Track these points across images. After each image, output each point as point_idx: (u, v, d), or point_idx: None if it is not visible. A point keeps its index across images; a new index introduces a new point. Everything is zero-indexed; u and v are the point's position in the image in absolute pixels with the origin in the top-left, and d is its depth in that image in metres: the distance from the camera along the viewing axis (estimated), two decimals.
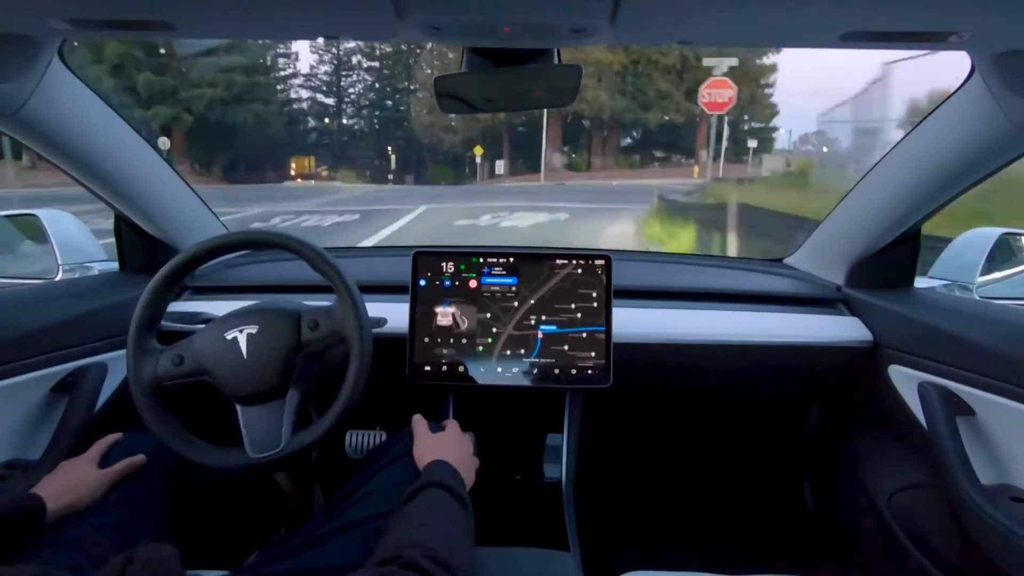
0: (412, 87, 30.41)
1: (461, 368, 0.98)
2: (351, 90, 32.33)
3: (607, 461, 1.33)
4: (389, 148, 30.47)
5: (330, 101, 32.02)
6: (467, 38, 0.66)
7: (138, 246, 1.11)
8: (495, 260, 1.00)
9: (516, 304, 0.99)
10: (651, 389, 1.19)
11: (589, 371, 0.97)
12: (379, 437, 1.02)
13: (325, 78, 31.49)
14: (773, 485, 1.37)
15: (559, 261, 1.00)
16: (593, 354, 0.98)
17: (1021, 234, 1.33)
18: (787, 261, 1.32)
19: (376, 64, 31.81)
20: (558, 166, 27.71)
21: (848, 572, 1.11)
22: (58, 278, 1.23)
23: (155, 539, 0.68)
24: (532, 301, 0.99)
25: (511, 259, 1.00)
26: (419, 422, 0.80)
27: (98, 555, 0.61)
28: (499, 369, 0.98)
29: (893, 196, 0.97)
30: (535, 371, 0.98)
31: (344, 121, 32.92)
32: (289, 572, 0.65)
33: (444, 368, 0.98)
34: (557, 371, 0.98)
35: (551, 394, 1.04)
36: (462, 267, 1.00)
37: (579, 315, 0.99)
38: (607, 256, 1.00)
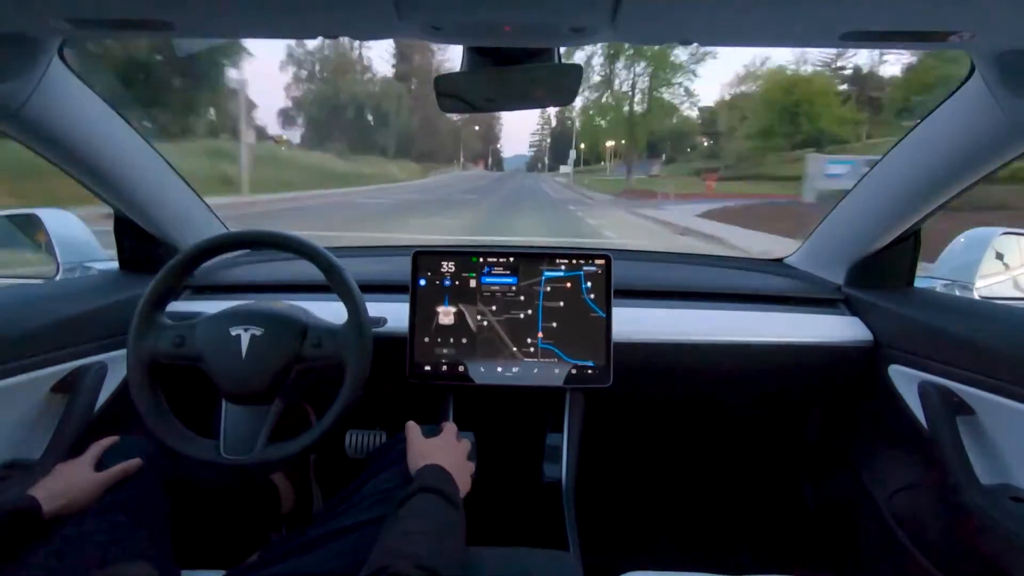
0: None
1: (461, 368, 0.98)
2: None
3: (607, 461, 1.33)
4: None
5: None
6: (468, 37, 0.66)
7: (138, 246, 1.11)
8: (495, 259, 1.00)
9: (516, 303, 0.99)
10: (651, 389, 1.18)
11: (589, 371, 0.97)
12: (379, 437, 1.02)
13: None
14: (773, 485, 1.37)
15: (559, 260, 1.00)
16: (593, 354, 0.98)
17: (1021, 234, 1.33)
18: (787, 261, 1.32)
19: None
20: None
21: (848, 572, 1.11)
22: (58, 278, 1.23)
23: (150, 543, 0.68)
24: (532, 300, 0.99)
25: (511, 258, 1.00)
26: (412, 428, 0.80)
27: (92, 558, 0.61)
28: (499, 369, 0.98)
29: (893, 195, 0.97)
30: (535, 371, 0.98)
31: None
32: (287, 574, 0.65)
33: (444, 368, 0.98)
34: (557, 371, 0.98)
35: (551, 394, 1.04)
36: (462, 267, 1.00)
37: (579, 314, 0.99)
38: (607, 255, 1.00)
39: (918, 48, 0.62)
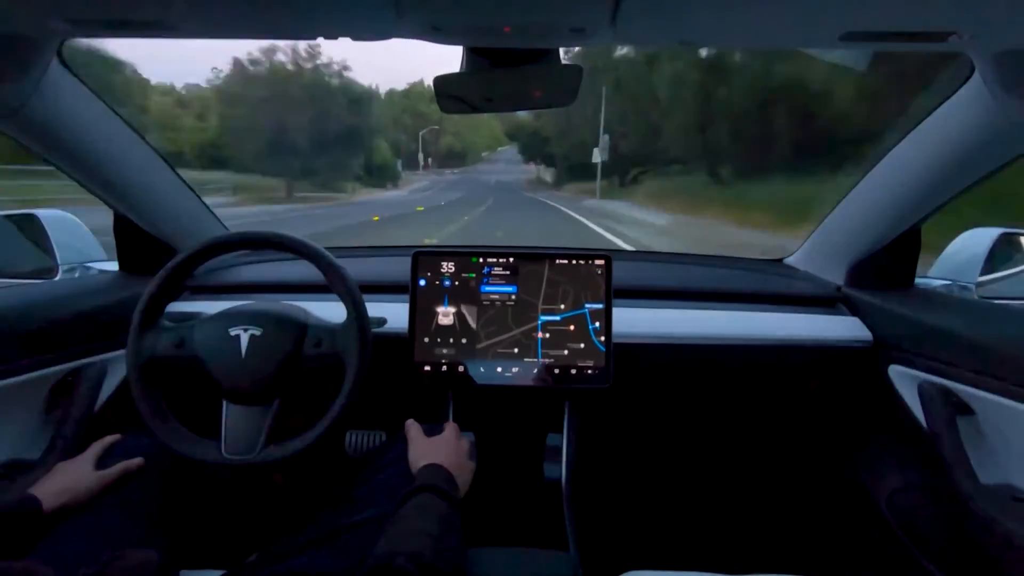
0: None
1: (461, 368, 0.98)
2: None
3: (607, 461, 1.33)
4: None
5: None
6: (467, 38, 0.66)
7: (138, 246, 1.11)
8: (495, 260, 1.00)
9: (516, 304, 0.99)
10: (651, 389, 1.19)
11: (589, 371, 0.97)
12: (379, 437, 1.02)
13: None
14: (772, 485, 1.37)
15: (559, 261, 1.00)
16: (593, 354, 0.98)
17: (1021, 233, 1.33)
18: (787, 261, 1.32)
19: None
20: None
21: (848, 572, 1.11)
22: (58, 278, 1.22)
23: (149, 541, 0.68)
24: (532, 301, 0.99)
25: (511, 259, 1.00)
26: (413, 427, 0.80)
27: (92, 556, 0.61)
28: (499, 369, 0.98)
29: (893, 196, 0.97)
30: (535, 371, 0.98)
31: None
32: (287, 574, 0.65)
33: (444, 368, 0.98)
34: (557, 371, 0.98)
35: (551, 394, 1.04)
36: (462, 267, 1.00)
37: (579, 315, 0.99)
38: (607, 256, 1.00)
39: (918, 48, 0.62)
